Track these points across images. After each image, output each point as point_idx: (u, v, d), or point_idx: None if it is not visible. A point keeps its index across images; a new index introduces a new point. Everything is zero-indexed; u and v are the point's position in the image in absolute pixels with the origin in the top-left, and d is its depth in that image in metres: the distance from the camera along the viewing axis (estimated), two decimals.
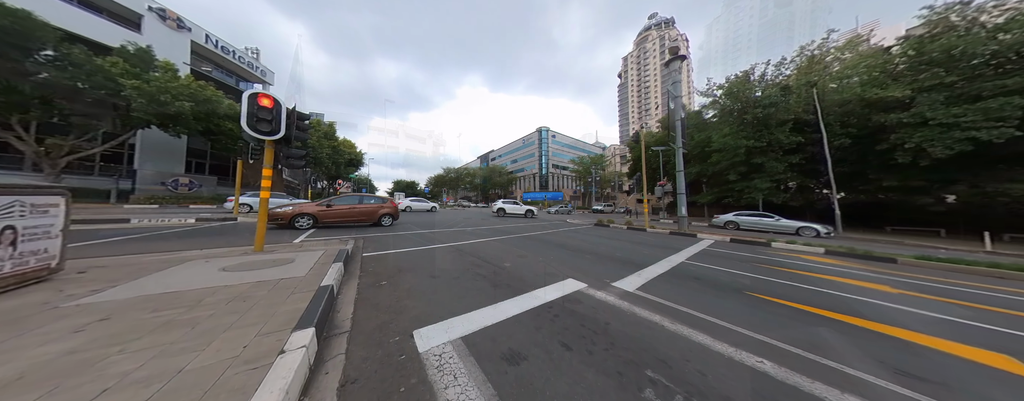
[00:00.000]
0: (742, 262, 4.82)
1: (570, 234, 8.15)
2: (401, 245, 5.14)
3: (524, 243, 6.05)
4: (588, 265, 4.05)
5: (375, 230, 7.23)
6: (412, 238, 6.09)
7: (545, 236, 7.43)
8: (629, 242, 6.90)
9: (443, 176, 63.29)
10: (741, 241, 7.61)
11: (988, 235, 8.48)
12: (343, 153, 22.95)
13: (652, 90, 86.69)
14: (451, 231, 7.70)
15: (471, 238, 6.46)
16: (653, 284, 3.14)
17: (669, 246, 6.47)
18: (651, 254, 5.23)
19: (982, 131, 8.02)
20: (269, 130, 3.59)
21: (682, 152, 9.93)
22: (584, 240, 6.94)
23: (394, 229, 7.64)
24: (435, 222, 10.12)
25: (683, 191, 9.81)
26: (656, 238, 8.06)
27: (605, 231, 9.64)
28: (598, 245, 6.15)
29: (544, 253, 4.87)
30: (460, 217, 13.78)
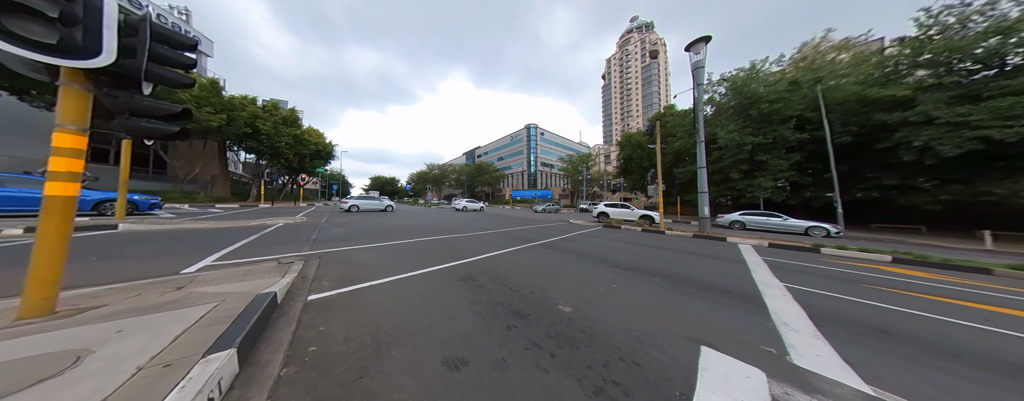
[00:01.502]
0: (837, 281, 3.71)
1: (592, 241, 6.76)
2: (380, 269, 3.31)
3: (553, 258, 4.51)
4: (692, 307, 2.58)
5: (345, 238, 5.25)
6: (395, 253, 4.25)
7: (567, 245, 5.94)
8: (670, 251, 5.64)
9: (426, 173, 59.86)
10: (780, 246, 6.72)
11: (989, 234, 8.57)
12: (308, 143, 19.61)
13: (634, 92, 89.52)
14: (436, 241, 5.91)
15: (476, 252, 4.76)
16: (835, 349, 1.76)
17: (720, 256, 5.30)
18: (725, 273, 3.95)
19: (994, 130, 7.94)
20: (60, 41, 1.63)
21: (701, 145, 8.97)
22: (619, 250, 5.56)
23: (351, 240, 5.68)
24: (395, 228, 7.41)
25: (705, 189, 8.88)
26: (687, 244, 6.95)
27: (623, 235, 8.41)
28: (643, 258, 4.80)
29: (599, 278, 3.35)
30: (438, 220, 11.89)
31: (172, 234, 4.80)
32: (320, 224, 7.70)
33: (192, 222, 6.40)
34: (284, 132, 17.30)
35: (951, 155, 8.79)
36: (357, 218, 10.29)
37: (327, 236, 5.55)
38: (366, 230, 6.82)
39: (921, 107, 9.52)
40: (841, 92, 12.13)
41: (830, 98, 12.24)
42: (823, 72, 12.68)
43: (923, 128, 9.41)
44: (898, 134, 10.15)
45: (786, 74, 14.12)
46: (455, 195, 58.85)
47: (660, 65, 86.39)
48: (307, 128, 21.09)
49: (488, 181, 58.46)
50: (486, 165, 60.60)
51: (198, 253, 3.58)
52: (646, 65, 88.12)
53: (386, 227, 7.76)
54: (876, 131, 11.20)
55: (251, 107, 15.76)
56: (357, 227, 7.40)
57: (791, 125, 12.87)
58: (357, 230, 6.75)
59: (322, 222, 8.30)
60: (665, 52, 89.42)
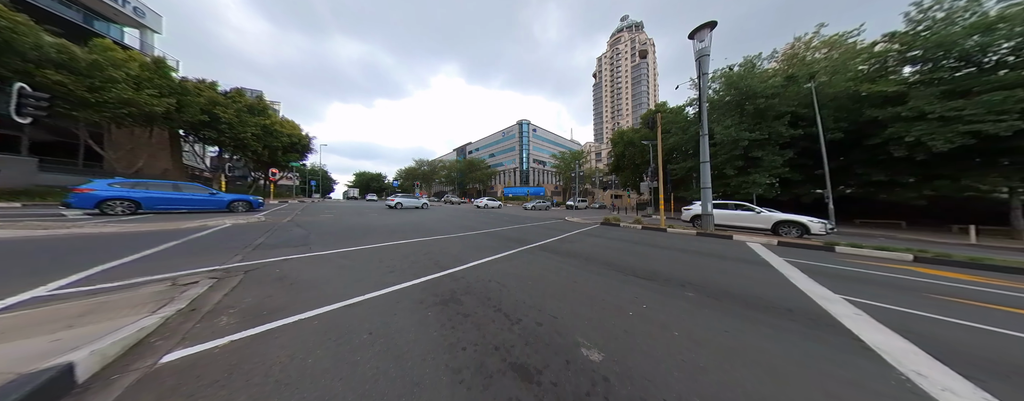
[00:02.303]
0: (895, 290, 3.20)
1: (593, 241, 6.09)
2: (325, 289, 2.40)
3: (556, 265, 3.78)
4: (763, 340, 1.88)
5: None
6: (357, 262, 3.33)
7: (567, 246, 5.22)
8: (681, 251, 5.05)
9: (415, 169, 57.86)
10: (790, 244, 6.33)
11: (974, 228, 8.72)
12: (279, 135, 17.72)
13: (624, 91, 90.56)
14: (415, 245, 5.03)
15: (462, 258, 3.94)
16: None
17: (738, 256, 4.76)
18: (760, 280, 3.36)
19: (987, 124, 7.96)
20: None
21: (705, 139, 8.50)
22: (626, 251, 4.89)
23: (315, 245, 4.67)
24: (371, 228, 6.67)
25: (708, 184, 8.43)
26: (694, 243, 6.43)
27: (624, 233, 7.82)
28: (657, 262, 4.16)
29: (619, 294, 2.61)
30: (423, 218, 10.89)
31: (49, 243, 3.60)
32: (280, 224, 6.55)
33: (104, 225, 5.12)
34: (250, 121, 15.38)
35: (943, 150, 8.82)
36: (330, 216, 9.11)
37: (278, 240, 4.51)
38: (334, 231, 5.77)
39: (913, 102, 9.53)
40: (833, 88, 12.14)
41: (822, 94, 12.23)
42: (817, 67, 12.64)
43: (915, 123, 9.44)
44: (889, 130, 10.19)
45: (778, 70, 14.05)
46: (445, 192, 57.25)
47: (649, 65, 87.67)
48: (280, 118, 19.13)
49: (479, 178, 57.25)
50: (477, 161, 59.26)
51: (53, 272, 2.42)
52: (636, 64, 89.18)
53: (360, 226, 6.73)
54: (866, 127, 11.27)
55: (208, 92, 13.82)
56: (324, 227, 6.33)
57: (785, 121, 12.80)
58: (322, 231, 5.70)
59: (284, 221, 7.14)
60: (654, 52, 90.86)
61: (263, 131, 16.31)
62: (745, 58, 14.62)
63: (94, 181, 7.15)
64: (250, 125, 15.35)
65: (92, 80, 9.29)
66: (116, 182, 7.32)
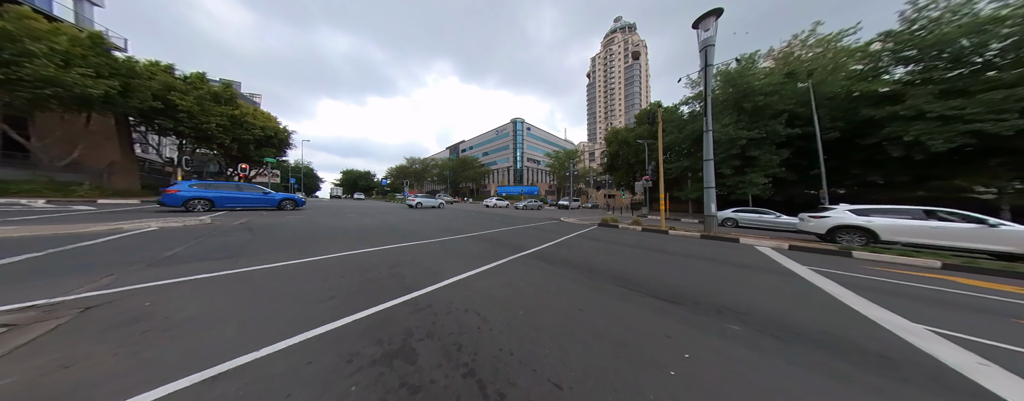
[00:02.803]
0: (972, 314, 2.64)
1: (593, 246, 5.43)
2: (197, 342, 1.57)
3: (553, 282, 3.07)
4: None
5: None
6: (285, 284, 2.49)
7: (565, 252, 4.52)
8: (695, 259, 4.45)
9: (406, 167, 56.14)
10: (802, 248, 5.88)
11: None
12: (251, 127, 16.13)
13: (617, 92, 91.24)
14: (380, 254, 4.23)
15: (436, 274, 3.17)
16: None
17: (760, 265, 4.21)
18: (810, 302, 2.74)
19: (988, 123, 7.84)
20: None
21: (709, 135, 8.01)
22: (632, 259, 4.25)
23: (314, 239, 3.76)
24: (337, 232, 5.81)
25: (712, 183, 7.95)
26: (703, 247, 5.89)
27: (625, 236, 7.22)
28: (672, 274, 3.53)
29: (643, 331, 1.92)
30: (406, 219, 9.98)
31: None
32: (226, 227, 5.54)
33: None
34: (214, 111, 13.74)
35: (941, 150, 8.71)
36: (300, 217, 8.06)
37: (203, 249, 3.56)
38: (292, 235, 4.84)
39: (912, 101, 9.41)
40: (830, 87, 12.03)
41: (819, 93, 12.09)
42: (816, 64, 12.49)
43: (913, 123, 9.32)
44: (886, 129, 10.08)
45: (774, 69, 13.89)
46: (437, 191, 55.82)
47: (642, 66, 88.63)
48: (252, 109, 17.44)
49: (472, 177, 56.14)
50: (470, 160, 58.08)
51: None
52: (629, 65, 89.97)
53: (330, 229, 5.80)
54: (862, 127, 11.19)
55: (162, 76, 12.17)
56: (283, 230, 5.37)
57: (783, 120, 12.61)
58: (275, 235, 4.75)
59: (236, 223, 6.10)
60: (646, 53, 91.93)
61: (231, 122, 14.70)
62: (742, 55, 14.38)
63: (178, 183, 8.47)
64: (215, 115, 13.69)
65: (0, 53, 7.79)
66: (195, 184, 8.43)
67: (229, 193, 8.85)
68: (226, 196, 8.74)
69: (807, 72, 12.21)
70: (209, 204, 8.25)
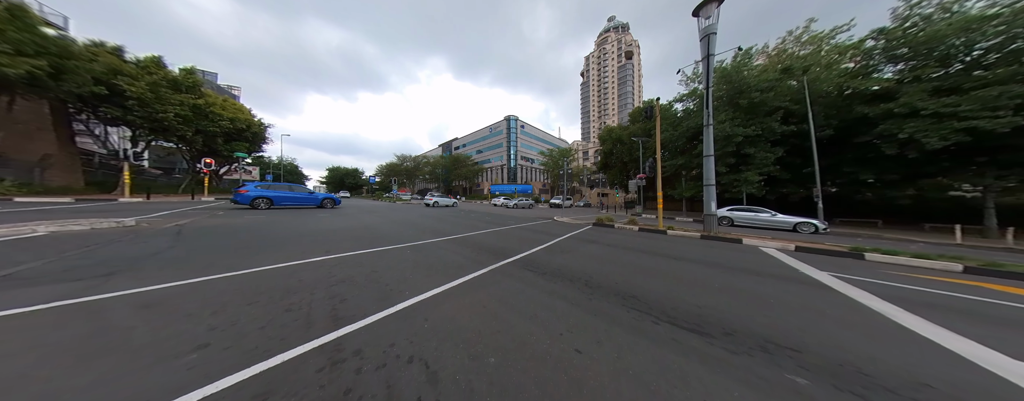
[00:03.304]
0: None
1: (589, 250, 4.86)
2: None
3: (546, 308, 2.43)
4: None
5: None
6: (155, 325, 1.74)
7: (559, 259, 3.91)
8: (708, 266, 3.93)
9: (397, 165, 54.46)
10: (811, 250, 5.49)
11: (959, 228, 8.63)
12: (217, 118, 14.66)
13: (611, 91, 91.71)
14: (335, 263, 3.50)
15: (388, 295, 2.47)
16: None
17: (782, 274, 3.73)
18: (858, 327, 2.23)
19: (983, 120, 7.73)
20: None
21: (710, 129, 7.58)
22: (637, 267, 3.69)
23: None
24: (295, 236, 5.13)
25: (712, 181, 7.53)
26: (708, 250, 5.42)
27: (623, 238, 6.70)
28: (691, 290, 2.97)
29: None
30: (385, 219, 9.18)
31: None
32: (149, 230, 4.63)
33: None
34: (172, 99, 12.23)
35: (936, 147, 8.61)
36: (261, 218, 7.13)
37: (63, 265, 2.67)
38: (234, 241, 4.02)
39: (906, 98, 9.30)
40: (824, 84, 11.93)
41: (813, 91, 11.97)
42: (810, 61, 12.34)
43: (907, 120, 9.22)
44: (880, 127, 9.98)
45: (768, 66, 13.72)
46: (429, 190, 54.40)
47: (635, 66, 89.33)
48: (221, 100, 15.87)
49: (465, 175, 55.03)
50: (463, 158, 56.91)
51: None
52: (622, 65, 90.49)
53: (287, 232, 4.97)
54: (855, 125, 11.11)
55: (107, 57, 10.64)
56: (215, 236, 4.51)
57: (778, 117, 12.44)
58: (200, 243, 3.92)
59: (167, 226, 5.17)
60: (639, 54, 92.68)
61: (194, 113, 13.22)
62: (738, 51, 14.13)
63: (248, 184, 9.71)
64: (173, 103, 12.20)
65: None
66: (259, 185, 9.86)
67: (283, 193, 10.18)
68: (281, 195, 10.06)
69: (803, 68, 12.05)
70: (269, 202, 9.55)
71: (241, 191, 9.45)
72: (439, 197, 19.32)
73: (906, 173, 10.41)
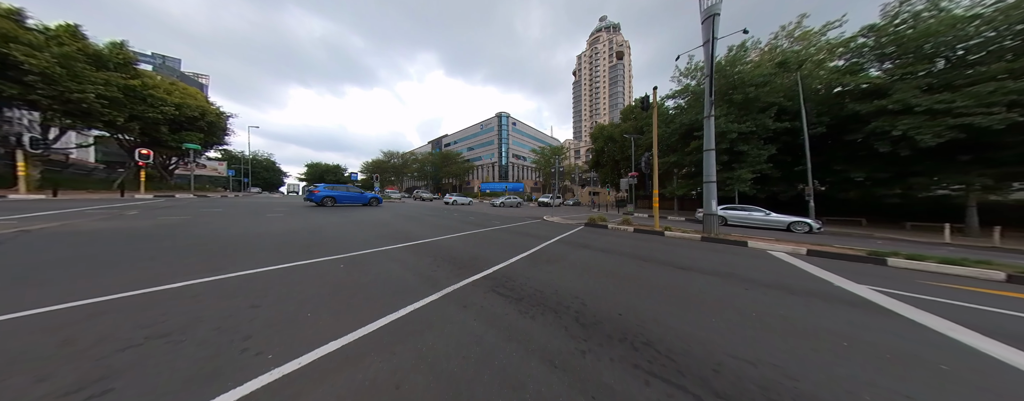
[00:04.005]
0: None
1: (583, 257, 4.05)
2: None
3: (519, 353, 1.45)
4: None
5: None
6: None
7: (543, 276, 3.05)
8: (725, 279, 3.19)
9: (384, 161, 52.21)
10: (823, 254, 4.93)
11: (948, 227, 8.52)
12: (159, 104, 12.57)
13: (602, 91, 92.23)
14: (227, 285, 2.43)
15: (260, 360, 1.43)
16: None
17: (817, 290, 3.03)
18: (963, 385, 1.39)
19: (978, 117, 7.54)
20: None
21: (710, 120, 6.96)
22: (643, 284, 2.89)
23: None
24: (204, 241, 4.30)
25: (712, 178, 6.92)
26: (719, 256, 4.75)
27: (619, 241, 5.95)
28: (720, 319, 2.15)
29: None
30: (345, 219, 8.04)
31: None
32: (42, 232, 3.39)
33: None
34: (91, 77, 10.00)
35: (930, 145, 8.42)
36: (148, 222, 5.85)
37: None
38: (58, 254, 2.88)
39: (899, 95, 9.11)
40: (816, 80, 11.74)
41: (806, 87, 11.75)
42: (804, 55, 12.09)
43: (900, 117, 9.03)
44: (872, 124, 9.80)
45: (762, 59, 13.45)
46: (417, 188, 52.43)
47: (625, 66, 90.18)
48: (167, 83, 13.73)
49: (455, 172, 53.47)
50: (452, 155, 55.28)
51: None
52: (613, 65, 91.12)
53: (220, 237, 3.84)
54: (847, 122, 10.95)
55: None
56: (123, 240, 3.33)
57: (772, 113, 12.15)
58: (87, 252, 2.78)
59: (5, 232, 3.90)
60: (629, 54, 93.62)
61: (125, 95, 11.25)
62: (738, 44, 13.79)
63: (319, 186, 11.81)
64: (94, 82, 10.09)
65: None
66: (326, 187, 11.69)
67: (343, 193, 12.04)
68: (341, 195, 11.88)
69: (798, 62, 11.77)
70: (333, 200, 11.35)
71: (314, 191, 11.45)
72: (458, 197, 20.74)
73: (896, 172, 10.32)
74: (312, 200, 11.26)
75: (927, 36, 9.21)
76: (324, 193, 11.25)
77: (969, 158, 9.36)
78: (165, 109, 12.55)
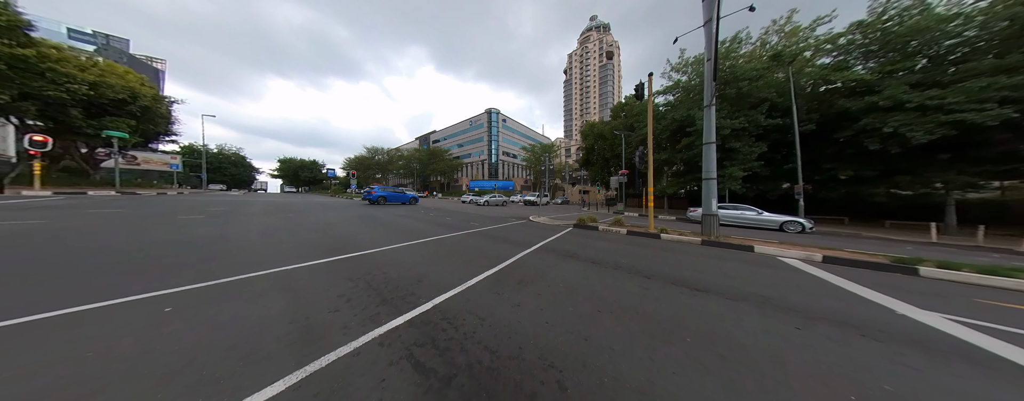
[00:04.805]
0: None
1: (569, 271, 3.13)
2: None
3: None
4: None
5: None
6: None
7: (510, 313, 2.05)
8: (756, 307, 2.35)
9: (368, 158, 49.55)
10: (842, 261, 4.31)
11: (935, 226, 8.43)
12: (69, 81, 10.10)
13: (592, 90, 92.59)
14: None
15: None
16: None
17: (887, 325, 2.22)
18: None
19: (970, 113, 7.35)
20: None
21: (711, 111, 6.27)
22: (649, 319, 1.92)
23: None
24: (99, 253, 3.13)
25: (713, 174, 6.24)
26: (724, 265, 3.99)
27: (611, 246, 5.13)
28: (757, 375, 1.13)
29: None
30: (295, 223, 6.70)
31: None
32: None
33: None
34: None
35: (922, 142, 8.23)
36: (101, 224, 4.42)
37: None
38: None
39: (889, 91, 8.90)
40: (804, 77, 11.51)
41: (796, 83, 11.50)
42: (797, 49, 11.81)
43: (891, 114, 8.83)
44: (862, 121, 9.60)
45: (754, 53, 13.14)
46: (403, 185, 50.15)
47: (615, 66, 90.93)
48: (80, 58, 11.13)
49: (442, 169, 51.58)
50: (440, 151, 53.28)
51: None
52: (603, 65, 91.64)
53: (96, 248, 2.57)
54: (837, 119, 10.78)
55: None
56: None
57: (763, 109, 11.83)
58: None
59: None
60: (619, 54, 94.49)
61: (10, 66, 8.93)
62: (724, 39, 13.37)
63: (375, 187, 15.32)
64: None
65: None
66: (380, 188, 15.27)
67: (392, 194, 15.24)
68: (391, 195, 15.02)
69: (792, 55, 11.47)
70: (384, 199, 14.40)
71: (371, 192, 14.50)
72: (489, 197, 19.86)
73: (883, 170, 10.25)
74: (368, 199, 14.31)
75: (916, 33, 9.06)
76: (379, 193, 14.57)
77: (949, 157, 9.37)
78: (74, 88, 10.19)
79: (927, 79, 8.75)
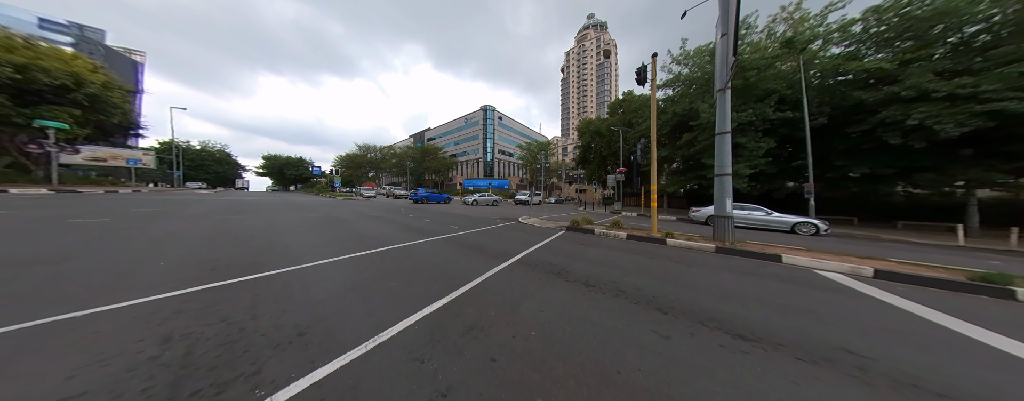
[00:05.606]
0: None
1: (551, 299, 2.09)
2: None
3: None
4: None
5: None
6: None
7: (454, 372, 1.04)
8: (864, 388, 1.33)
9: (359, 156, 48.11)
10: (899, 276, 3.41)
11: (962, 228, 7.67)
12: None
13: (589, 88, 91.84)
14: None
15: None
16: None
17: (979, 391, 1.23)
18: None
19: (1012, 102, 6.56)
20: None
21: (725, 94, 5.36)
22: (671, 371, 0.91)
23: None
24: None
25: (727, 169, 5.33)
26: (733, 276, 3.02)
27: (608, 255, 4.18)
28: None
29: None
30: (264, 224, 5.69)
31: None
32: None
33: None
34: None
35: (953, 135, 7.44)
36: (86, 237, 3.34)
37: None
38: None
39: (913, 80, 8.11)
40: (815, 67, 10.72)
41: (806, 75, 10.69)
42: (810, 35, 10.96)
43: (915, 105, 8.04)
44: (881, 114, 8.81)
45: (761, 42, 12.29)
46: (395, 184, 48.81)
47: (612, 65, 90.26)
48: (17, 38, 9.70)
49: (436, 168, 50.31)
50: (433, 149, 51.97)
51: None
52: (600, 63, 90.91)
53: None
54: (851, 112, 10.00)
55: None
56: None
57: (772, 102, 11.00)
58: None
59: None
60: (616, 53, 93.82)
61: None
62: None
63: (420, 189, 20.35)
64: None
65: None
66: (424, 190, 19.42)
67: (432, 194, 18.53)
68: (432, 196, 18.33)
69: (805, 41, 10.63)
70: (426, 200, 17.60)
71: (417, 193, 17.96)
72: (525, 196, 20.53)
73: (902, 167, 9.48)
74: (414, 199, 17.40)
75: (942, 16, 8.27)
76: (423, 195, 17.47)
77: (973, 152, 8.63)
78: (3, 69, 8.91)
79: (956, 66, 7.98)
